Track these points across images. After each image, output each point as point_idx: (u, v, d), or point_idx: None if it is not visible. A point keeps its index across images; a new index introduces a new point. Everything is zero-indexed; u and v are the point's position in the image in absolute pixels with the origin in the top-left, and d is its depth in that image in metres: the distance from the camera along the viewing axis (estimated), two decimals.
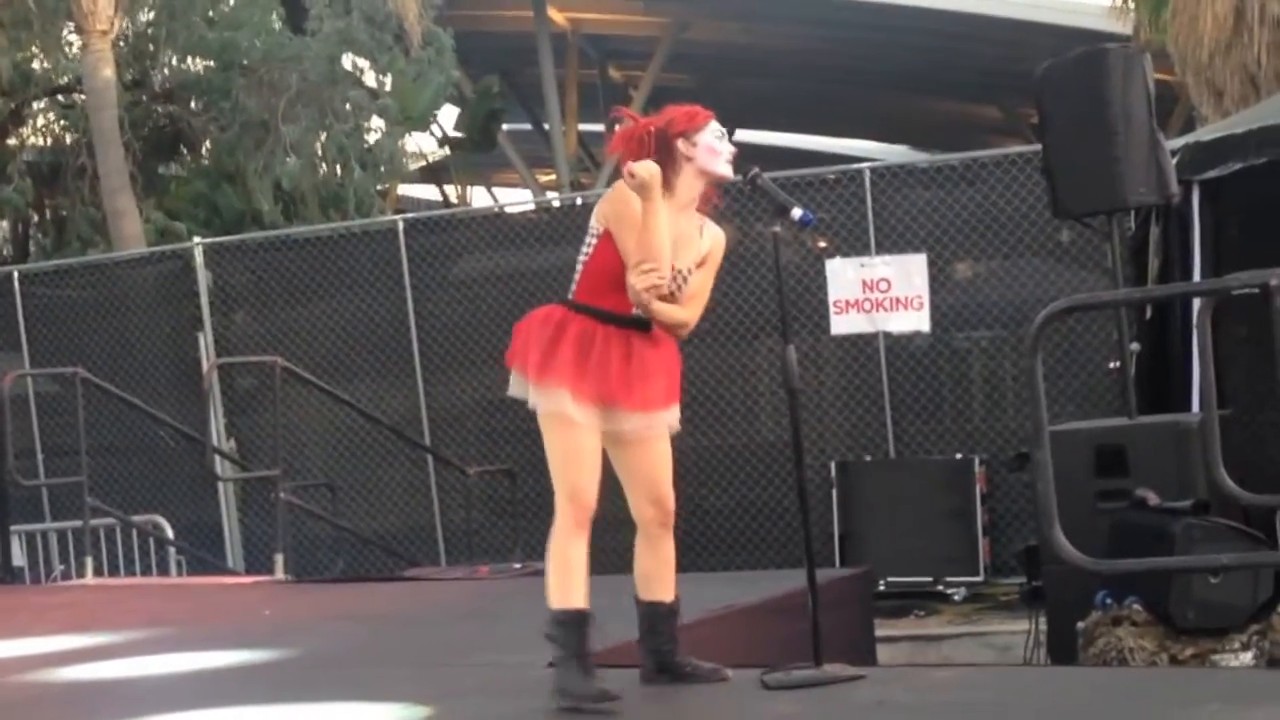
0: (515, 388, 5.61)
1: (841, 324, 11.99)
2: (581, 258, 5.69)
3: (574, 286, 5.67)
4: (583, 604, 5.40)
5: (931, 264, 11.83)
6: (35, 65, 21.13)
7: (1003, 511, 11.63)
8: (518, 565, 10.07)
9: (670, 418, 5.66)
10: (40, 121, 22.06)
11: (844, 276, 11.95)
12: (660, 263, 5.55)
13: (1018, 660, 9.03)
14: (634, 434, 5.58)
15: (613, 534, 6.02)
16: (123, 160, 18.06)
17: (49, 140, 21.80)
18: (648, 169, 5.54)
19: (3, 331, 14.90)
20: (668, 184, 5.68)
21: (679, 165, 5.73)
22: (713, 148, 5.74)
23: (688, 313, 5.68)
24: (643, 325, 5.61)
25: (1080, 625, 7.22)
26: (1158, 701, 5.35)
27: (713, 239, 5.83)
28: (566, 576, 5.41)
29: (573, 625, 5.38)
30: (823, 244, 12.36)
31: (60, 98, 21.48)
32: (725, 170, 5.74)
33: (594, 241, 5.66)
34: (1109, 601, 7.15)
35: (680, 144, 5.75)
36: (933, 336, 12.03)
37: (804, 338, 12.07)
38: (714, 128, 5.79)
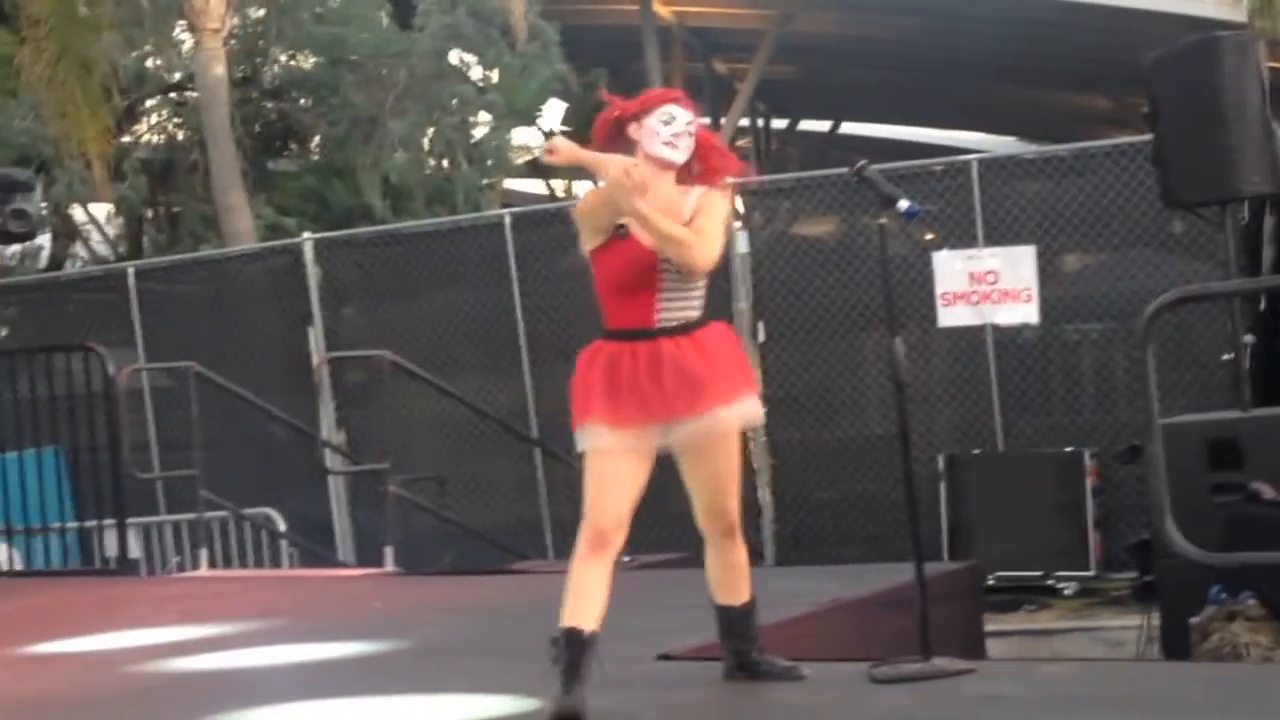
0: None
1: (949, 316, 11.91)
2: None
3: None
4: (584, 625, 5.40)
5: (1040, 256, 11.72)
6: (149, 64, 21.38)
7: (1114, 505, 11.52)
8: (626, 559, 10.04)
9: (733, 413, 5.62)
10: (154, 119, 22.32)
11: (951, 269, 11.87)
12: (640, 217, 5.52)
13: (1130, 656, 8.95)
14: (691, 439, 5.59)
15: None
16: (234, 156, 18.25)
17: (162, 138, 22.06)
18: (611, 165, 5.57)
19: (118, 326, 15.08)
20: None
21: (634, 150, 5.73)
22: (654, 130, 5.72)
23: (685, 232, 5.58)
24: (669, 330, 5.61)
25: (1194, 620, 7.15)
26: (1273, 698, 5.28)
27: (700, 193, 5.74)
28: (575, 596, 5.44)
29: (569, 645, 5.40)
30: (930, 236, 12.28)
31: (173, 95, 21.73)
32: (660, 152, 5.69)
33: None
34: (1223, 596, 7.07)
35: (630, 128, 5.76)
36: (1042, 329, 11.94)
37: (911, 330, 11.99)
38: (663, 111, 5.75)
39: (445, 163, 20.70)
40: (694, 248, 5.57)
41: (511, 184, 27.28)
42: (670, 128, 5.70)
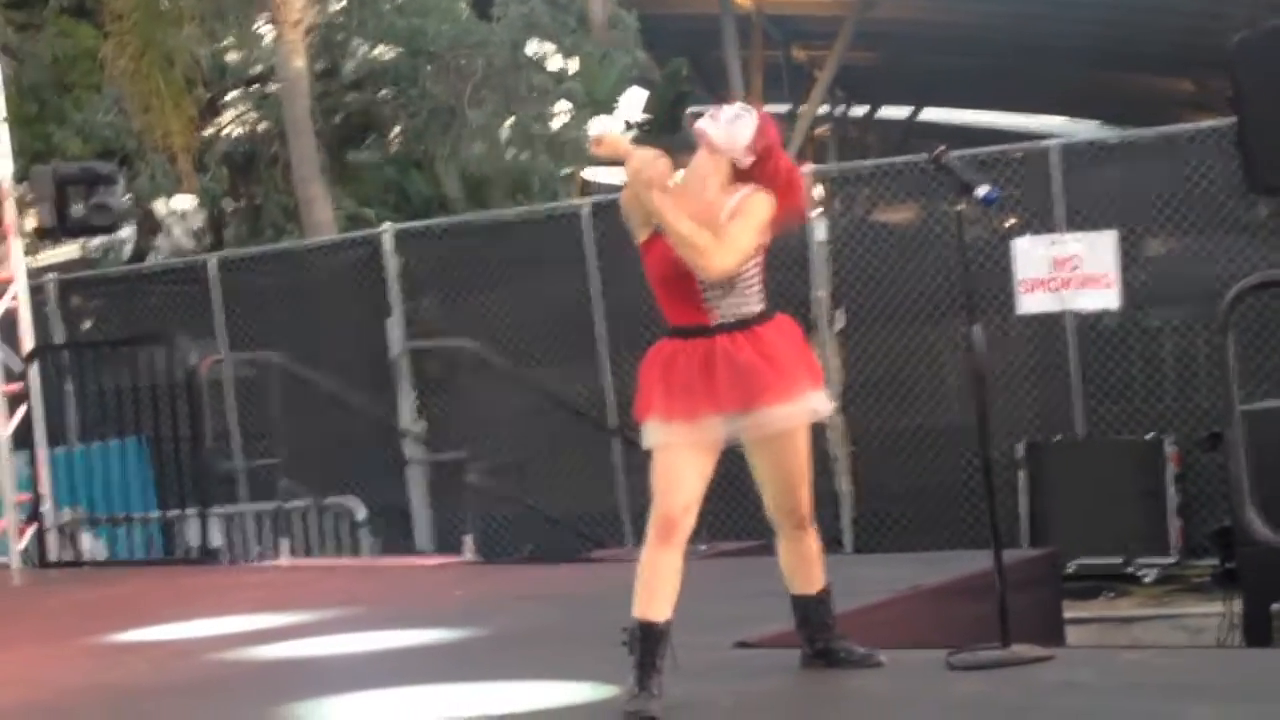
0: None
1: (1029, 303, 11.85)
2: None
3: None
4: (658, 617, 5.43)
5: (1122, 241, 11.64)
6: (230, 57, 21.54)
7: (1196, 492, 11.43)
8: (703, 547, 10.06)
9: (791, 410, 5.62)
10: (235, 112, 22.48)
11: (1031, 255, 11.80)
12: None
13: (1211, 643, 8.88)
14: (751, 434, 5.62)
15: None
16: (314, 149, 18.35)
17: (244, 130, 22.21)
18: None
19: (200, 317, 15.21)
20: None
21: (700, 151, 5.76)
22: (711, 113, 5.77)
23: (698, 234, 5.55)
24: (726, 327, 5.61)
25: (1276, 607, 7.08)
26: None
27: (744, 194, 5.70)
28: (647, 587, 5.47)
29: (643, 637, 5.42)
30: (1010, 222, 12.23)
31: (254, 88, 21.88)
32: (702, 123, 5.71)
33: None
34: None
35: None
36: (1122, 315, 11.85)
37: (991, 317, 11.91)
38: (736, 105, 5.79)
39: (524, 153, 20.75)
40: (705, 253, 5.55)
41: (590, 173, 27.34)
42: (725, 111, 5.71)
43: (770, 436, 5.64)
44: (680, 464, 5.54)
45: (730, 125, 5.68)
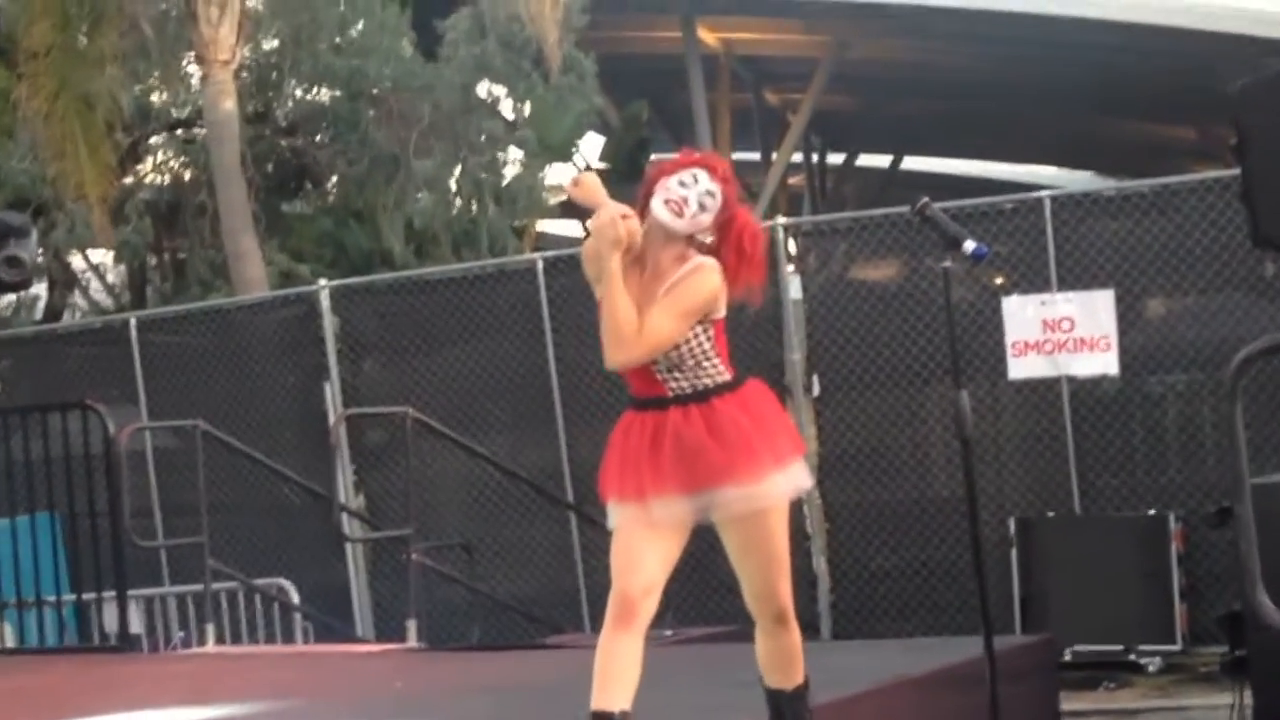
0: None
1: (1020, 367, 11.88)
2: None
3: None
4: (615, 707, 5.44)
5: (1120, 301, 11.69)
6: (154, 98, 21.53)
7: (1202, 573, 11.43)
8: (668, 632, 10.05)
9: (755, 490, 5.62)
10: (159, 158, 22.47)
11: (1023, 315, 11.84)
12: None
13: None
14: (715, 514, 5.64)
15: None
16: (245, 198, 18.34)
17: (168, 178, 22.19)
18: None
19: (119, 382, 15.14)
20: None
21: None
22: (665, 186, 5.76)
23: (620, 319, 5.59)
24: (682, 399, 5.65)
25: None
26: None
27: (689, 269, 5.72)
28: (604, 675, 5.49)
29: None
30: (999, 280, 12.27)
31: (180, 132, 21.88)
32: (656, 208, 5.71)
33: None
34: None
35: (657, 186, 5.80)
36: (1122, 380, 11.88)
37: (979, 382, 11.97)
38: (689, 172, 5.78)
39: (473, 204, 20.78)
40: (612, 343, 5.63)
41: (545, 226, 27.38)
42: (682, 189, 5.72)
43: (738, 518, 5.65)
44: (638, 544, 5.55)
45: (693, 220, 5.71)
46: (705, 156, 5.93)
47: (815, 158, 33.36)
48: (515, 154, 21.69)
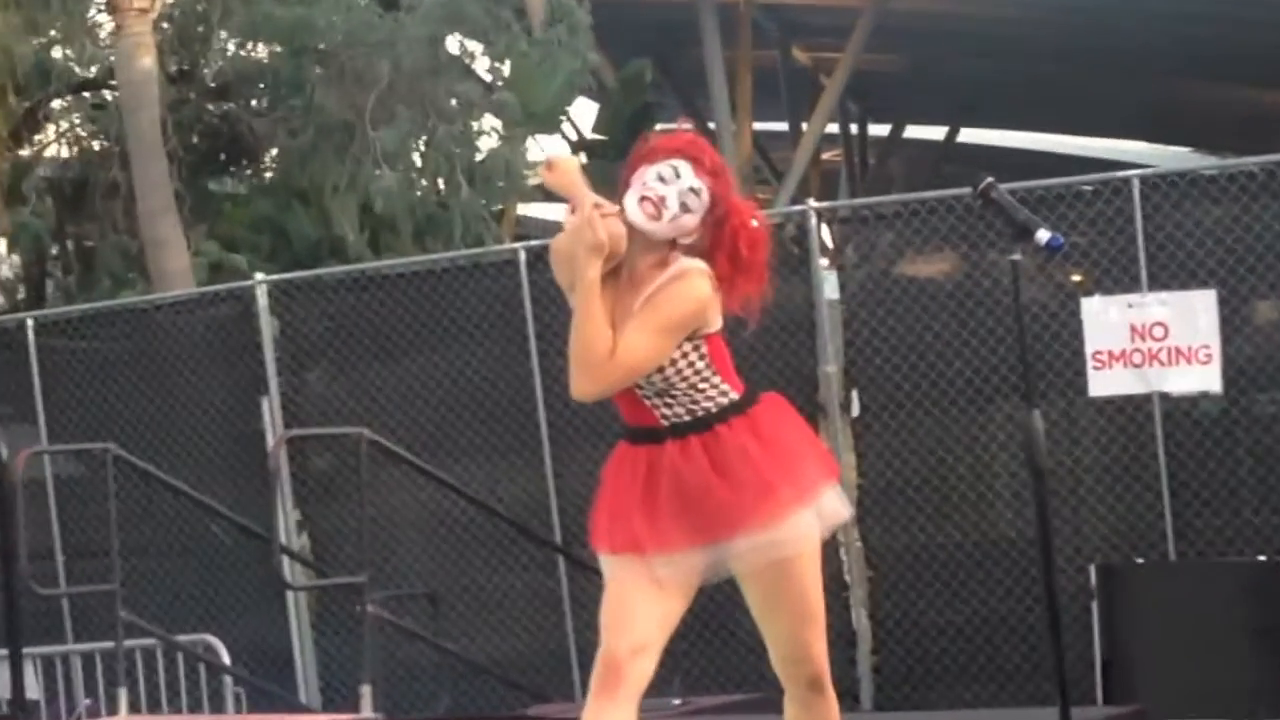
0: None
1: (1103, 383, 11.87)
2: None
3: None
4: None
5: (1223, 303, 11.69)
6: (56, 54, 21.51)
7: None
8: (677, 701, 10.04)
9: (775, 537, 5.65)
10: (62, 125, 22.46)
11: (1106, 320, 11.84)
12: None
13: None
14: (730, 566, 5.66)
15: None
16: (166, 175, 18.34)
17: (73, 150, 22.19)
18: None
19: (13, 397, 15.14)
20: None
21: None
22: (641, 179, 5.81)
23: (590, 338, 5.66)
24: (679, 429, 5.70)
25: None
26: None
27: (670, 275, 5.77)
28: None
29: None
30: (1077, 277, 12.27)
31: (87, 95, 21.87)
32: (627, 205, 5.75)
33: None
34: None
35: (638, 170, 5.85)
36: (1225, 399, 11.88)
37: (1054, 401, 11.97)
38: (670, 164, 5.80)
39: (442, 183, 20.77)
40: (579, 368, 5.70)
41: (529, 210, 27.38)
42: (661, 185, 5.71)
43: (759, 570, 5.66)
44: (632, 596, 5.57)
45: (674, 223, 5.71)
46: (689, 142, 5.90)
47: (854, 129, 33.39)
48: (492, 123, 21.70)
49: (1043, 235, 5.86)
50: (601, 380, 5.63)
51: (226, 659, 13.36)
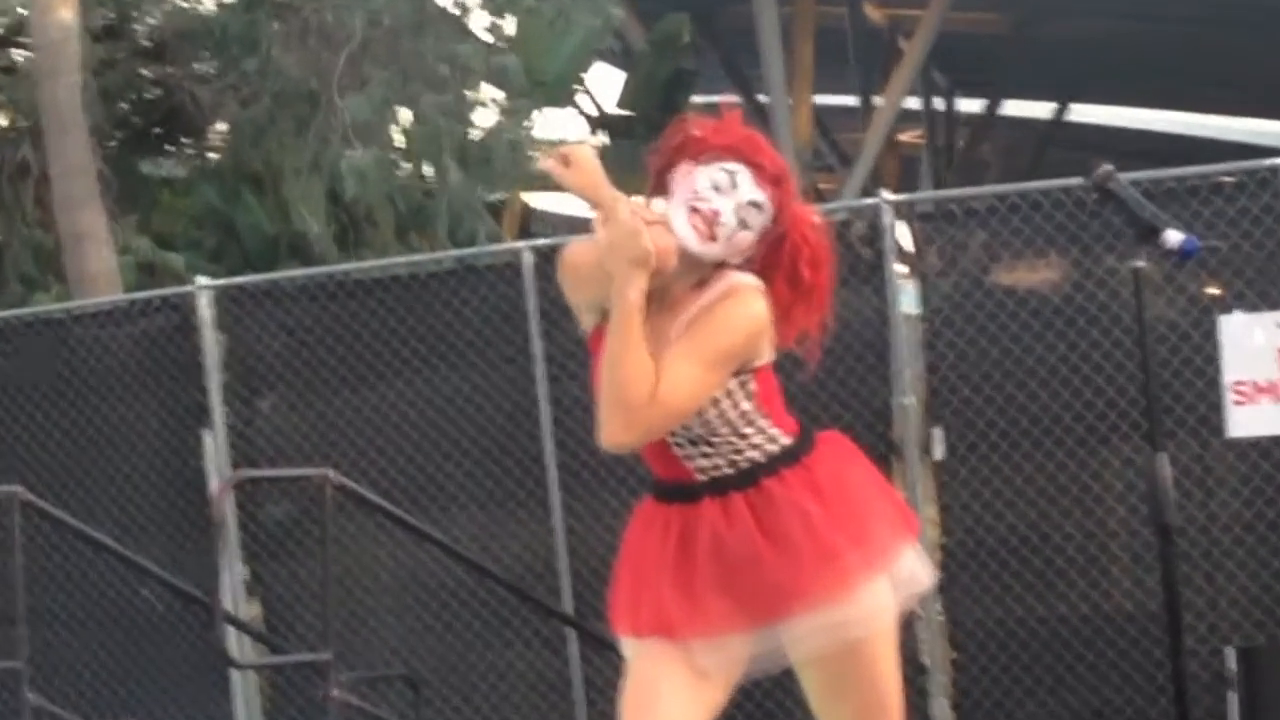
0: None
1: (1246, 420, 11.88)
2: None
3: None
4: None
5: None
6: None
7: None
8: None
9: (840, 616, 5.68)
10: None
11: (1250, 343, 11.85)
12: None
13: None
14: (780, 658, 5.72)
15: None
16: (88, 154, 18.37)
17: None
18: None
19: None
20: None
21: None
22: (691, 185, 5.82)
23: (637, 391, 5.62)
24: (718, 485, 5.73)
25: None
26: None
27: (717, 295, 5.81)
28: None
29: None
30: (1215, 289, 12.27)
31: None
32: (673, 216, 5.76)
33: None
34: None
35: (679, 167, 5.88)
36: None
37: (1185, 442, 11.96)
38: (726, 165, 5.77)
39: (428, 166, 20.82)
40: (614, 412, 5.66)
41: (536, 200, 27.41)
42: (716, 195, 5.71)
43: (818, 654, 5.68)
44: (659, 688, 5.60)
45: (730, 243, 5.72)
46: (746, 140, 5.89)
47: (940, 104, 33.42)
48: (492, 93, 21.73)
49: (1172, 237, 5.88)
50: (638, 426, 5.62)
51: None
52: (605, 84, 27.31)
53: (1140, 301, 6.09)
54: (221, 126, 21.77)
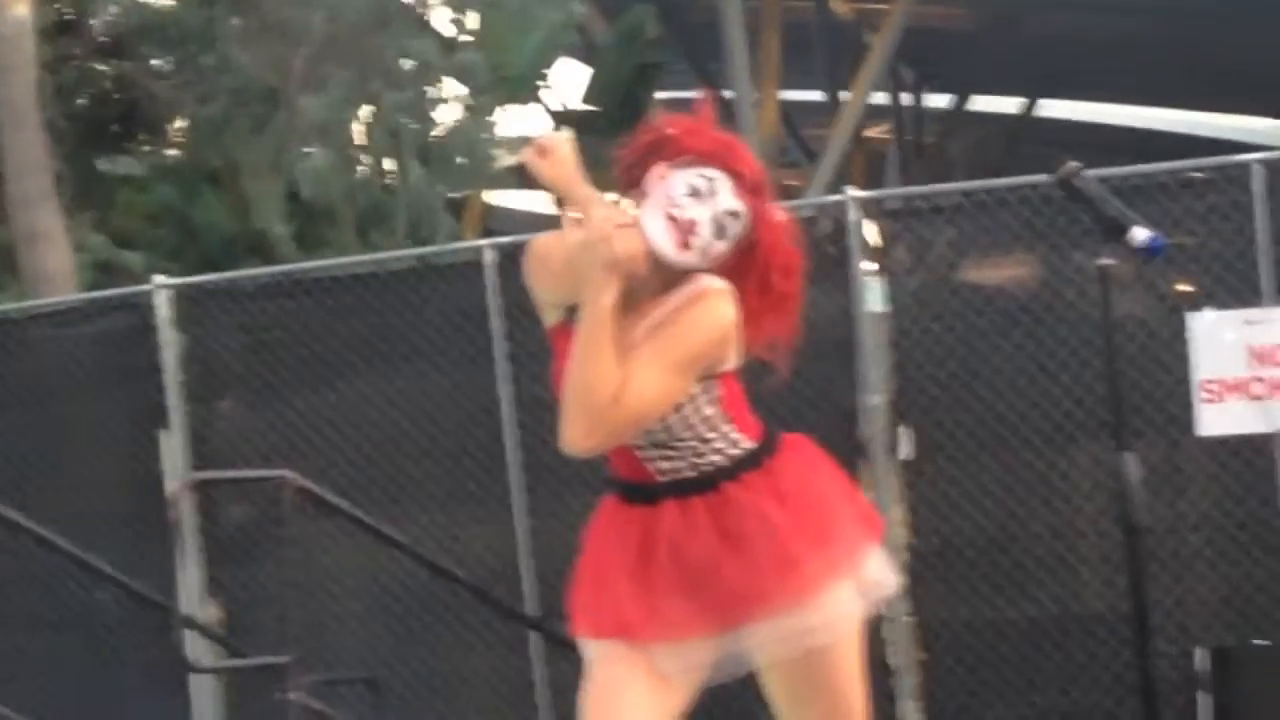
0: None
1: (1216, 419, 11.89)
2: None
3: None
4: None
5: None
6: None
7: None
8: None
9: (803, 621, 5.68)
10: None
11: (1219, 341, 11.86)
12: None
13: None
14: (742, 664, 5.72)
15: None
16: (43, 151, 18.35)
17: None
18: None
19: None
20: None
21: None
22: (669, 189, 5.76)
23: (599, 393, 5.62)
24: (680, 487, 5.73)
25: None
26: None
27: (685, 296, 5.77)
28: None
29: None
30: (1185, 286, 12.29)
31: None
32: (647, 221, 5.72)
33: None
34: None
35: (654, 168, 5.83)
36: None
37: (1153, 442, 11.98)
38: (706, 171, 5.73)
39: (388, 164, 20.80)
40: (577, 414, 5.67)
41: (497, 198, 27.39)
42: (694, 203, 5.69)
43: (784, 659, 5.69)
44: (620, 692, 5.60)
45: (705, 253, 5.70)
46: (726, 146, 5.86)
47: (907, 99, 33.44)
48: (454, 89, 21.71)
49: (1140, 234, 5.90)
50: (600, 430, 5.62)
51: None
52: (569, 80, 27.28)
53: (1107, 299, 6.12)
54: (179, 124, 21.74)
